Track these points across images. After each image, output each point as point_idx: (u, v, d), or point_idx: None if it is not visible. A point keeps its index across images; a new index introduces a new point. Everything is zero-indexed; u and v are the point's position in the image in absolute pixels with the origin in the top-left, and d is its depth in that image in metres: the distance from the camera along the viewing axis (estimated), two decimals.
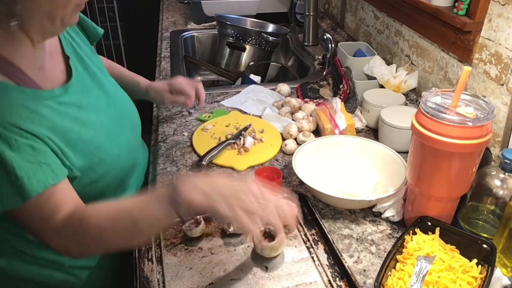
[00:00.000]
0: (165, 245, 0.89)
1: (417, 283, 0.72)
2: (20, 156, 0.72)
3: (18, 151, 0.72)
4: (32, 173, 0.73)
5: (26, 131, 0.74)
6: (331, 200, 1.00)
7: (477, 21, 1.08)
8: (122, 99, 1.07)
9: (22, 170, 0.72)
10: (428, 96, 0.84)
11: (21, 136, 0.73)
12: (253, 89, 1.53)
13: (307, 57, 1.91)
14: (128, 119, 1.05)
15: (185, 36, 2.13)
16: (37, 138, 0.75)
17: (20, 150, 0.72)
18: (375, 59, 1.47)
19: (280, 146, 1.23)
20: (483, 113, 0.79)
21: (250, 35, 1.78)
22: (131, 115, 1.08)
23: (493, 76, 1.07)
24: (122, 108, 1.04)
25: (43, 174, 0.74)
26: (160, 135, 1.29)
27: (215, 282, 0.81)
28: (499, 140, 1.06)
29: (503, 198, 0.83)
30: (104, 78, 1.02)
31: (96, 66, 1.01)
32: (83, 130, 0.86)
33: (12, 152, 0.71)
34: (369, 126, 1.33)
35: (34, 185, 0.73)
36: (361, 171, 1.09)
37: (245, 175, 1.12)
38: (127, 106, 1.07)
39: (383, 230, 0.95)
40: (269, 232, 0.87)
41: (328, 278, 0.82)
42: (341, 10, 1.99)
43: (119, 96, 1.06)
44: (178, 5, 2.65)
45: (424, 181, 0.87)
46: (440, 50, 1.27)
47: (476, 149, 0.79)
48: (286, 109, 1.37)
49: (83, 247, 0.81)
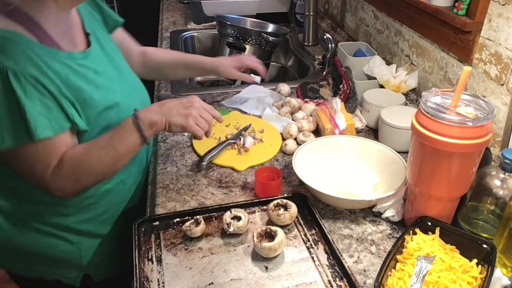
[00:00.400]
0: (165, 245, 0.89)
1: (417, 283, 0.72)
2: (32, 104, 0.83)
3: (31, 100, 0.83)
4: (38, 121, 0.84)
5: (41, 84, 0.85)
6: (331, 200, 1.00)
7: (477, 21, 1.08)
8: (135, 81, 1.15)
9: (31, 116, 0.83)
10: (428, 96, 0.84)
11: (35, 88, 0.84)
12: (253, 89, 1.53)
13: (307, 57, 1.91)
14: (139, 98, 1.12)
15: (185, 36, 2.13)
16: (48, 92, 0.86)
17: (32, 99, 0.84)
18: (375, 59, 1.47)
19: (280, 146, 1.23)
20: (483, 113, 0.79)
21: (250, 35, 1.78)
22: (142, 96, 1.16)
23: (493, 76, 1.07)
24: (133, 88, 1.12)
25: (47, 123, 0.86)
26: (160, 135, 1.29)
27: (215, 282, 0.81)
28: (499, 140, 1.06)
29: (503, 198, 0.83)
30: (119, 60, 1.12)
31: (112, 49, 1.11)
32: (94, 92, 0.95)
33: (26, 98, 0.83)
34: (369, 126, 1.33)
35: (38, 131, 0.85)
36: (361, 171, 1.09)
37: (245, 174, 1.12)
38: (139, 89, 1.16)
39: (383, 230, 0.95)
40: (269, 232, 0.87)
41: (328, 278, 0.82)
42: (341, 10, 1.99)
43: (132, 78, 1.15)
44: (178, 5, 2.65)
45: (424, 181, 0.87)
46: (440, 50, 1.27)
47: (476, 149, 0.79)
48: (286, 109, 1.37)
49: (76, 182, 0.94)
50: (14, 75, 0.81)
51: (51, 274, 1.11)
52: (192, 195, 1.05)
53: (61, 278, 1.12)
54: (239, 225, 0.90)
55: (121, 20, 1.21)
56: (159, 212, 0.99)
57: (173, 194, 1.05)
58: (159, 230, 0.93)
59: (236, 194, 1.05)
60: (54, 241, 1.06)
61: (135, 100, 1.08)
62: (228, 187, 1.08)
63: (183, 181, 1.10)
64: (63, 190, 0.94)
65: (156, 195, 1.05)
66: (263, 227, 0.88)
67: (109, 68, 1.05)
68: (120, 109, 1.01)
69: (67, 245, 1.07)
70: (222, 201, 1.03)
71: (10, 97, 0.82)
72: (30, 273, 1.12)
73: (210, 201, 1.03)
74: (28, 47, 0.85)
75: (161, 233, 0.92)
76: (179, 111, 0.97)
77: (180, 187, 1.07)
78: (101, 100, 0.97)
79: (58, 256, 1.08)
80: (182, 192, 1.06)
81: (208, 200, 1.03)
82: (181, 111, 0.98)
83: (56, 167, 0.90)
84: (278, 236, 0.85)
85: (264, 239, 0.87)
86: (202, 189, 1.07)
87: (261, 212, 0.98)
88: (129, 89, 1.09)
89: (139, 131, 0.94)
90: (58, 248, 1.07)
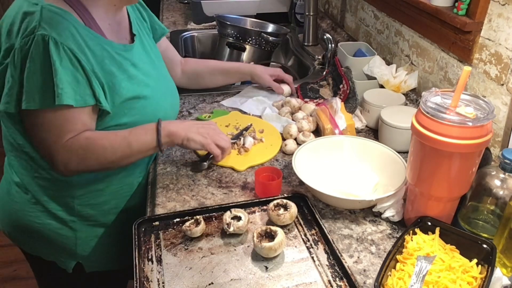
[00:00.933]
0: (165, 245, 0.89)
1: (417, 283, 0.72)
2: (64, 72, 0.90)
3: (64, 68, 0.90)
4: (65, 89, 0.90)
5: (76, 58, 0.91)
6: (331, 200, 1.00)
7: (477, 21, 1.08)
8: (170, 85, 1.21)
9: (60, 82, 0.89)
10: (428, 96, 0.84)
11: (71, 61, 0.90)
12: (253, 89, 1.53)
13: (307, 57, 1.91)
14: (170, 101, 1.17)
15: (185, 36, 2.12)
16: (81, 67, 0.92)
17: (65, 68, 0.90)
18: (375, 59, 1.47)
19: (280, 146, 1.23)
20: (483, 113, 0.79)
21: (250, 35, 1.78)
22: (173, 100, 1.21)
23: (493, 76, 1.07)
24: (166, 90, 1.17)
25: (72, 93, 0.91)
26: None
27: (215, 282, 0.81)
28: (499, 140, 1.06)
29: (503, 198, 0.83)
30: (159, 64, 1.18)
31: (154, 53, 1.17)
32: (126, 81, 1.01)
33: (60, 66, 0.89)
34: (369, 126, 1.33)
35: (65, 96, 0.90)
36: (361, 171, 1.09)
37: (245, 174, 1.12)
38: (172, 93, 1.21)
39: (383, 230, 0.95)
40: (269, 232, 0.87)
41: (328, 278, 0.82)
42: (341, 10, 1.99)
43: (168, 81, 1.20)
44: (178, 5, 2.65)
45: (424, 181, 0.87)
46: (440, 50, 1.27)
47: (476, 149, 0.79)
48: (286, 109, 1.37)
49: (82, 162, 0.98)
50: (54, 43, 0.88)
51: (48, 255, 1.16)
52: (192, 195, 1.05)
53: (56, 261, 1.16)
54: (239, 225, 0.90)
55: (167, 29, 1.29)
56: (159, 212, 0.99)
57: (173, 194, 1.05)
58: (159, 230, 0.93)
59: (236, 194, 1.05)
60: (54, 223, 1.10)
61: (166, 102, 1.12)
62: (228, 187, 1.08)
63: (183, 181, 1.10)
64: (66, 165, 0.97)
65: (156, 195, 1.05)
66: (263, 227, 0.88)
67: (148, 66, 1.10)
68: (148, 103, 1.05)
69: (65, 230, 1.11)
70: (222, 201, 1.03)
71: (47, 63, 0.89)
72: (31, 250, 1.18)
73: (210, 201, 1.03)
74: (73, 25, 0.93)
75: (161, 233, 0.92)
76: (198, 129, 1.06)
77: (180, 187, 1.07)
78: (130, 89, 1.01)
79: (55, 239, 1.12)
80: (182, 192, 1.06)
81: (208, 200, 1.03)
82: (201, 130, 1.06)
83: (70, 140, 0.95)
84: (278, 236, 0.85)
85: (264, 239, 0.87)
86: (202, 189, 1.07)
87: (261, 212, 0.98)
88: (162, 90, 1.13)
89: (157, 134, 1.00)
90: (56, 230, 1.11)
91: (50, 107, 0.91)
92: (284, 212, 0.92)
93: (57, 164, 0.97)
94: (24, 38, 0.89)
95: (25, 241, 1.17)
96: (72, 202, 1.09)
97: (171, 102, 1.18)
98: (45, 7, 0.91)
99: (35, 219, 1.09)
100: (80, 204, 1.09)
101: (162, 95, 1.12)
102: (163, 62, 1.22)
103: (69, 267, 1.17)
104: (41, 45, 0.88)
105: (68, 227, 1.11)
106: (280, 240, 0.85)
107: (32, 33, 0.88)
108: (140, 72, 1.06)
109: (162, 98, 1.11)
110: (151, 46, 1.17)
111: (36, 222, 1.10)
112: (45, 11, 0.91)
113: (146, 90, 1.05)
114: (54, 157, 0.97)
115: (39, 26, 0.88)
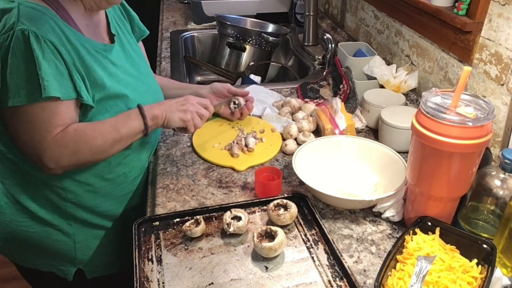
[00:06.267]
0: (165, 245, 0.89)
1: (417, 283, 0.72)
2: (47, 65, 0.89)
3: (47, 61, 0.89)
4: (51, 81, 0.89)
5: (58, 51, 0.90)
6: (331, 200, 1.00)
7: (477, 21, 1.08)
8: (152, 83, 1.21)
9: (45, 75, 0.89)
10: (428, 96, 0.84)
11: (53, 53, 0.90)
12: (253, 89, 1.53)
13: (307, 57, 1.91)
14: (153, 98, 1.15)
15: (185, 36, 2.13)
16: (63, 60, 0.91)
17: (48, 61, 0.89)
18: (375, 59, 1.47)
19: (280, 146, 1.23)
20: (483, 113, 0.79)
21: (250, 35, 1.78)
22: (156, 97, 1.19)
23: (493, 76, 1.07)
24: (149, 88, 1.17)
25: (57, 86, 0.90)
26: (160, 135, 1.29)
27: (215, 282, 0.81)
28: (499, 140, 1.06)
29: (503, 198, 0.83)
30: (141, 63, 1.18)
31: (135, 52, 1.17)
32: (106, 77, 1.00)
33: (43, 59, 0.89)
34: (369, 126, 1.33)
35: (51, 88, 0.89)
36: (361, 171, 1.09)
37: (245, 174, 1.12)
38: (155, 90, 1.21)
39: (383, 230, 0.95)
40: (269, 232, 0.87)
41: (328, 278, 0.82)
42: (341, 10, 1.99)
43: (150, 80, 1.20)
44: (178, 5, 2.65)
45: (424, 181, 0.87)
46: (440, 50, 1.27)
47: (476, 149, 0.79)
48: (286, 109, 1.37)
49: (74, 154, 0.96)
50: (35, 37, 0.88)
51: (46, 265, 1.13)
52: (192, 195, 1.05)
53: (55, 270, 1.14)
54: (239, 225, 0.90)
55: (147, 32, 1.29)
56: (159, 212, 0.99)
57: (173, 194, 1.05)
58: (159, 230, 0.93)
59: (236, 194, 1.05)
60: (49, 229, 1.07)
61: (148, 99, 1.11)
62: (228, 187, 1.08)
63: (183, 181, 1.10)
64: (57, 161, 0.95)
65: (156, 195, 1.05)
66: (263, 227, 0.88)
67: (128, 65, 1.10)
68: (129, 102, 1.05)
69: (62, 236, 1.09)
70: (222, 201, 1.03)
71: (29, 57, 0.88)
72: (26, 263, 1.15)
73: (210, 201, 1.03)
74: (52, 19, 0.93)
75: (161, 233, 0.92)
76: (178, 107, 1.07)
77: (180, 187, 1.07)
78: (111, 87, 1.01)
79: (52, 247, 1.09)
80: (182, 192, 1.06)
81: (208, 200, 1.03)
82: (180, 107, 1.08)
83: (60, 134, 0.94)
84: (278, 236, 0.85)
85: (264, 239, 0.87)
86: (202, 189, 1.07)
87: (261, 212, 0.98)
88: (144, 88, 1.13)
89: (143, 118, 1.02)
90: (52, 237, 1.08)
91: (37, 101, 0.90)
92: (284, 212, 0.92)
93: (47, 162, 0.95)
94: (3, 34, 0.88)
95: (20, 255, 1.14)
96: (64, 205, 1.06)
97: (154, 99, 1.16)
98: (22, 3, 0.91)
99: (29, 229, 1.06)
100: (73, 207, 1.07)
101: (143, 93, 1.11)
102: (145, 60, 1.22)
103: (70, 275, 1.14)
104: (21, 40, 0.87)
105: (64, 232, 1.09)
106: (280, 240, 0.85)
107: (11, 29, 0.87)
108: (120, 71, 1.05)
109: (144, 96, 1.10)
110: (131, 45, 1.16)
111: (30, 231, 1.06)
112: (22, 7, 0.90)
113: (126, 88, 1.05)
114: (44, 154, 0.94)
115: (18, 22, 0.88)
